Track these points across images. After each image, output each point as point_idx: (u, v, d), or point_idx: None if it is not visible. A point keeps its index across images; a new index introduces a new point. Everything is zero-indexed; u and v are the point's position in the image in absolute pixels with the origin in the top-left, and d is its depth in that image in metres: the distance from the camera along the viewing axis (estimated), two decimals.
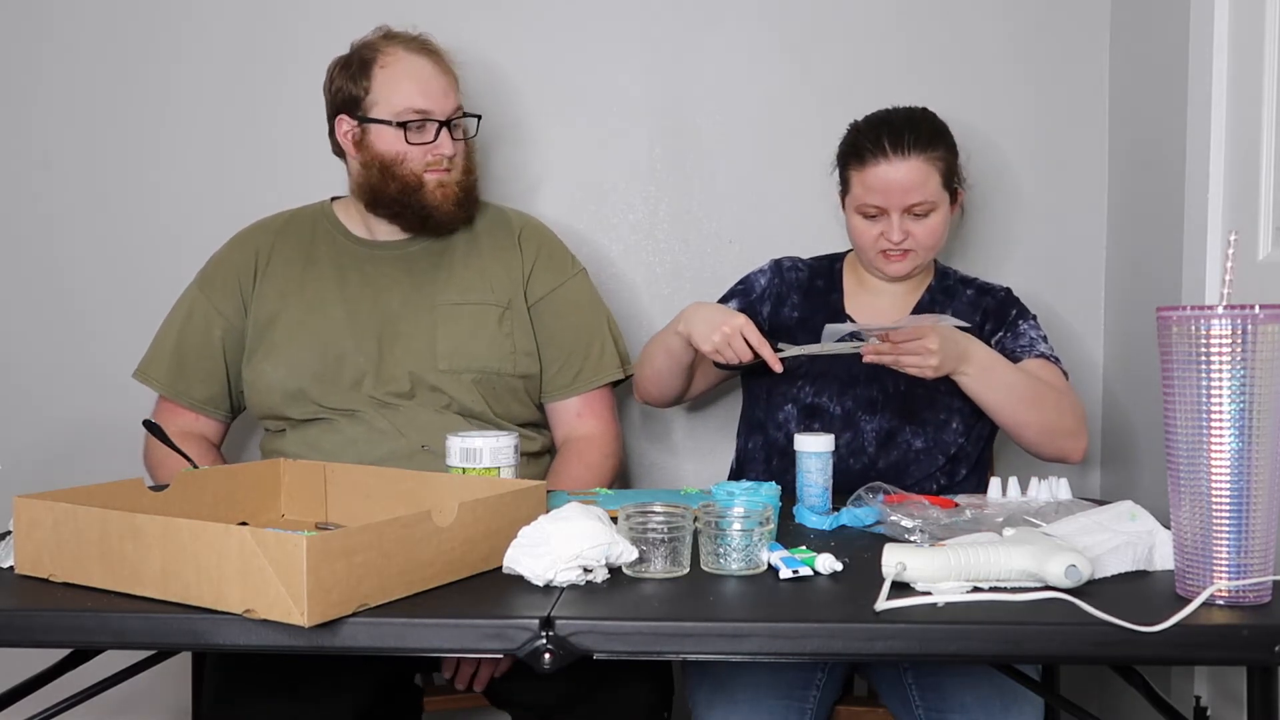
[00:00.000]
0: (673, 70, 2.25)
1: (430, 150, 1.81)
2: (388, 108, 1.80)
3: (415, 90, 1.80)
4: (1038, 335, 1.83)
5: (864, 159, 1.79)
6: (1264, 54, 1.62)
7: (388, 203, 1.84)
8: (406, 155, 1.80)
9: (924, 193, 1.77)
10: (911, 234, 1.79)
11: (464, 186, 1.86)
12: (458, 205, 1.85)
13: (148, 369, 1.91)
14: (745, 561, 1.24)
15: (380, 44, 1.83)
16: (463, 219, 1.88)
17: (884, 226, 1.79)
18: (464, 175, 1.86)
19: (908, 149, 1.76)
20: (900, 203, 1.77)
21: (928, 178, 1.77)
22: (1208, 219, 1.76)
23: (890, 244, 1.79)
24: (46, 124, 2.28)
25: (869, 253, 1.83)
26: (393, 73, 1.80)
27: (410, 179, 1.81)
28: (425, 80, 1.81)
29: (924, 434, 1.81)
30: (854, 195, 1.82)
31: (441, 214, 1.84)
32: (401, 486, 1.45)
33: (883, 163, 1.76)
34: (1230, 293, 1.10)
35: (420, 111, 1.80)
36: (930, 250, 1.82)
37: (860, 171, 1.79)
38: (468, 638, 1.10)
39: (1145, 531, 1.25)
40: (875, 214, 1.79)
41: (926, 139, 1.78)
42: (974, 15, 2.22)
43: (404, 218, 1.85)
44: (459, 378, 1.83)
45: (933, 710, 1.58)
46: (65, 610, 1.13)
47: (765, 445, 1.88)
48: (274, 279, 1.89)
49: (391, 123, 1.80)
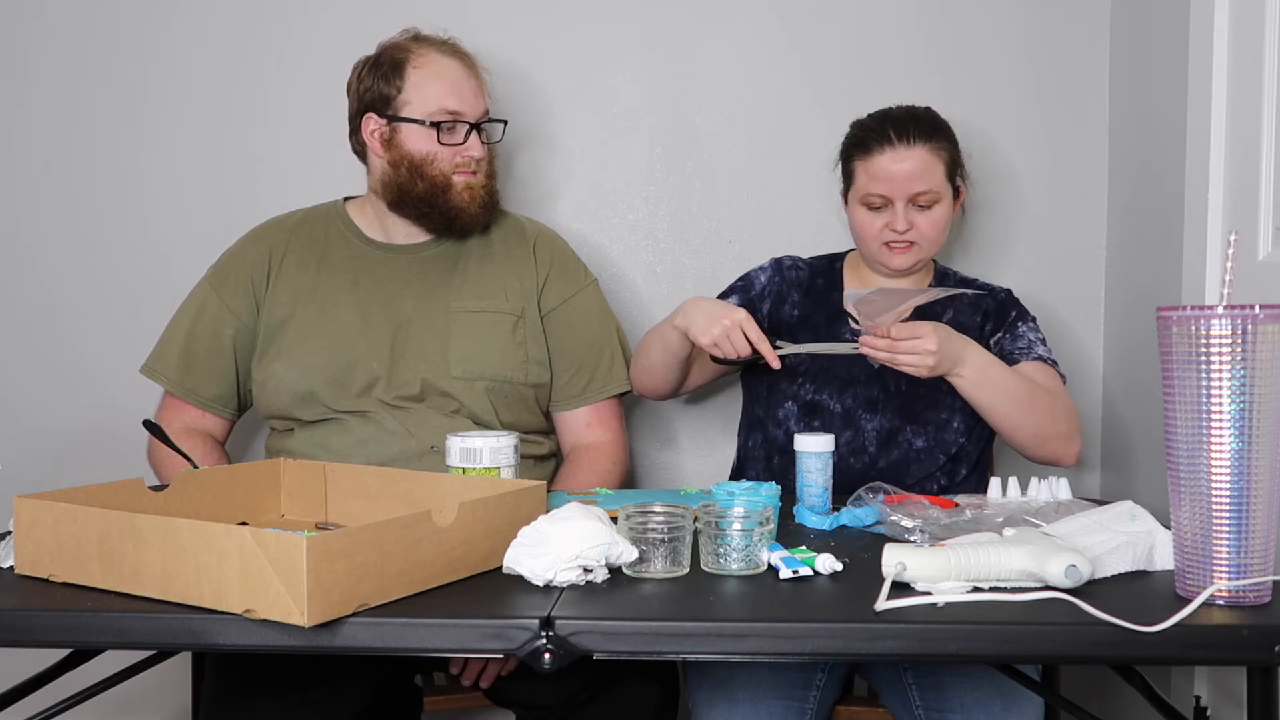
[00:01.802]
0: (673, 70, 2.26)
1: (459, 152, 1.82)
2: (420, 107, 1.81)
3: (448, 91, 1.81)
4: (1036, 337, 1.83)
5: (869, 149, 1.80)
6: (1264, 54, 1.62)
7: (414, 202, 1.84)
8: (436, 156, 1.81)
9: (928, 182, 1.77)
10: (915, 225, 1.79)
11: (489, 190, 1.87)
12: (482, 208, 1.86)
13: (156, 365, 1.90)
14: (745, 561, 1.24)
15: (412, 45, 1.84)
16: (484, 222, 1.89)
17: (888, 218, 1.79)
18: (488, 179, 1.87)
19: (912, 139, 1.77)
20: (905, 191, 1.77)
21: (932, 167, 1.78)
22: (1208, 219, 1.76)
23: (895, 234, 1.79)
24: (43, 127, 2.28)
25: (873, 245, 1.83)
26: (426, 74, 1.81)
27: (439, 179, 1.82)
28: (458, 82, 1.83)
29: (925, 433, 1.81)
30: (858, 186, 1.82)
31: (467, 216, 1.85)
32: (401, 486, 1.45)
33: (888, 150, 1.77)
34: (1230, 293, 1.10)
35: (453, 112, 1.81)
36: (933, 243, 1.82)
37: (865, 161, 1.80)
38: (468, 638, 1.10)
39: (1145, 531, 1.25)
40: (880, 205, 1.79)
41: (930, 130, 1.80)
42: (974, 15, 2.22)
43: (430, 218, 1.85)
44: (471, 385, 1.83)
45: (933, 710, 1.58)
46: (65, 610, 1.13)
47: (766, 443, 1.88)
48: (287, 279, 1.88)
49: (424, 122, 1.80)
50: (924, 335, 1.59)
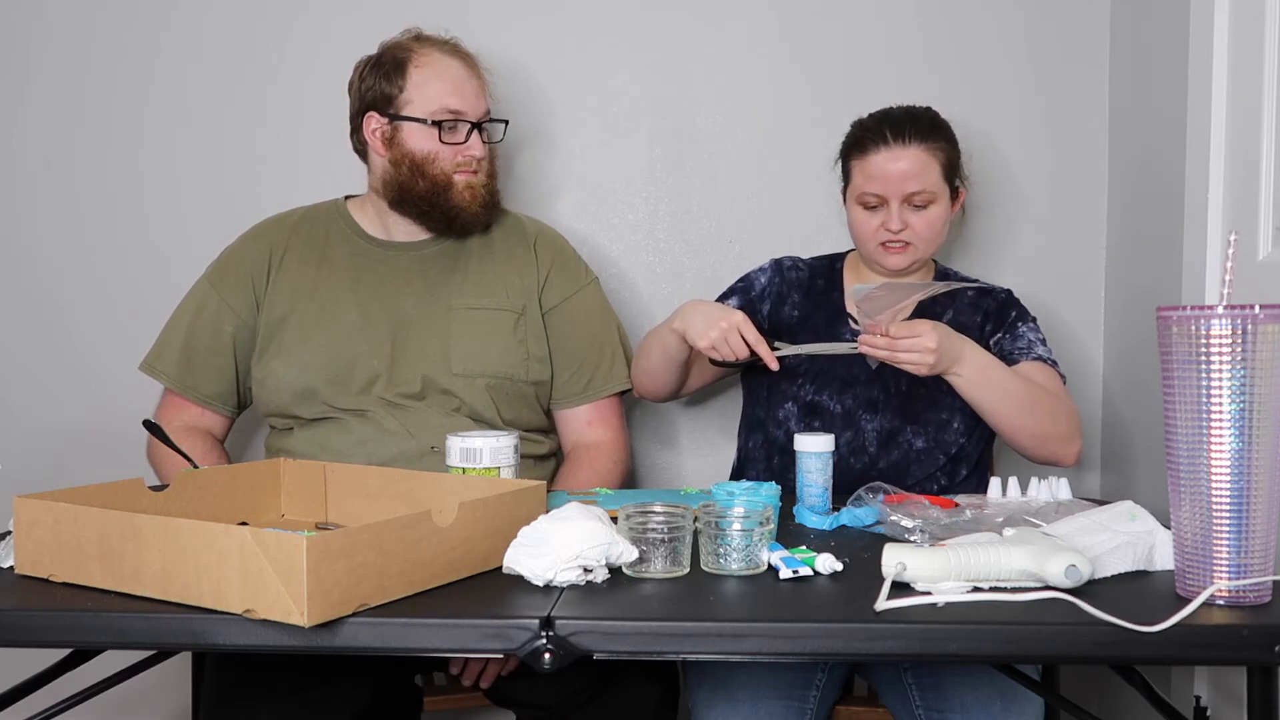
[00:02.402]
0: (673, 70, 2.26)
1: (461, 151, 1.83)
2: (423, 106, 1.81)
3: (450, 90, 1.82)
4: (1036, 338, 1.83)
5: (865, 149, 1.80)
6: (1264, 54, 1.62)
7: (415, 201, 1.84)
8: (438, 155, 1.81)
9: (923, 182, 1.78)
10: (910, 225, 1.79)
11: (490, 190, 1.87)
12: (483, 208, 1.86)
13: (155, 362, 1.90)
14: (745, 561, 1.24)
15: (414, 45, 1.84)
16: (484, 222, 1.90)
17: (884, 217, 1.79)
18: (489, 179, 1.88)
19: (908, 138, 1.78)
20: (899, 190, 1.78)
21: (927, 168, 1.78)
22: (1208, 219, 1.76)
23: (889, 234, 1.79)
24: (42, 126, 2.28)
25: (869, 245, 1.83)
26: (428, 73, 1.82)
27: (440, 178, 1.82)
28: (460, 81, 1.83)
29: (925, 434, 1.81)
30: (854, 185, 1.83)
31: (467, 215, 1.85)
32: (401, 486, 1.45)
33: (884, 150, 1.78)
34: (1230, 293, 1.10)
35: (454, 112, 1.82)
36: (929, 244, 1.82)
37: (862, 160, 1.81)
38: (468, 638, 1.10)
39: (1145, 531, 1.25)
40: (875, 204, 1.80)
41: (927, 130, 1.80)
42: (974, 15, 2.22)
43: (430, 217, 1.86)
44: (473, 382, 1.83)
45: (933, 710, 1.58)
46: (65, 610, 1.13)
47: (766, 444, 1.88)
48: (287, 277, 1.89)
49: (426, 121, 1.80)
50: (923, 333, 1.58)
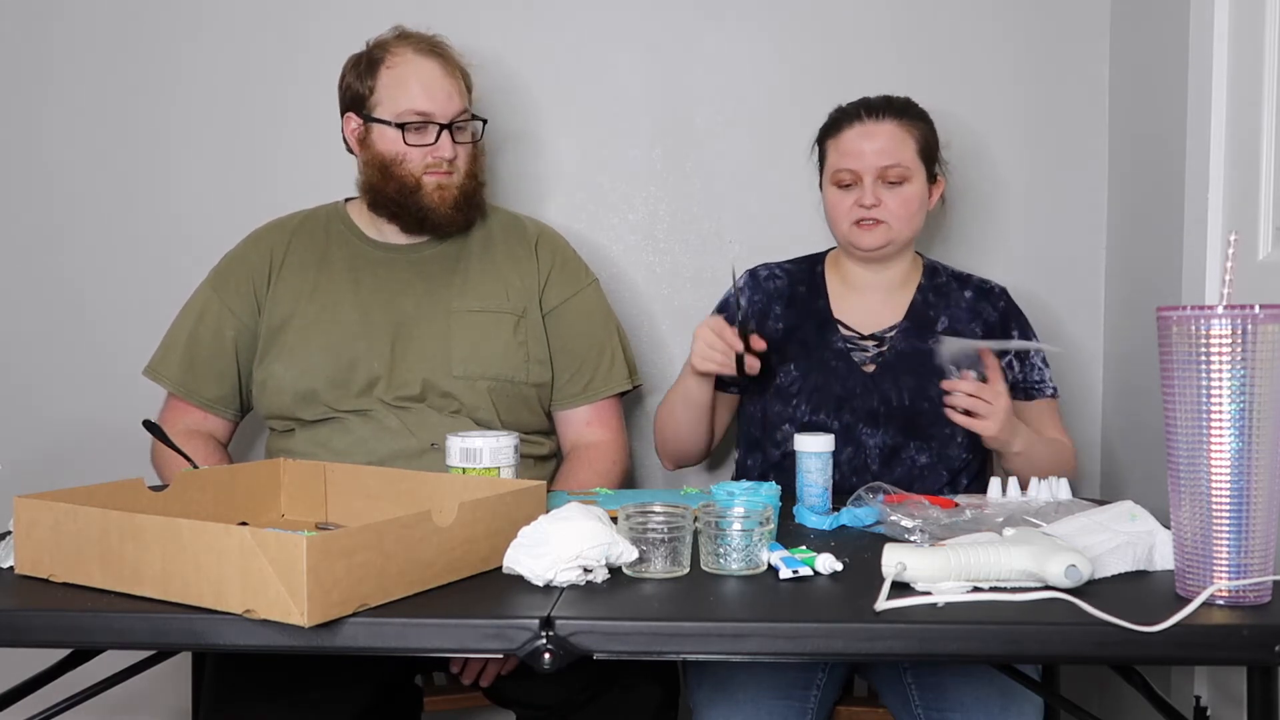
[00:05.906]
0: (673, 70, 2.25)
1: (430, 152, 1.81)
2: (390, 108, 1.80)
3: (418, 92, 1.80)
4: (1040, 360, 1.86)
5: (839, 128, 1.83)
6: (1264, 54, 1.62)
7: (386, 202, 1.84)
8: (405, 156, 1.80)
9: (897, 156, 1.78)
10: (884, 202, 1.79)
11: (465, 190, 1.85)
12: (456, 208, 1.84)
13: (158, 367, 1.90)
14: (745, 561, 1.24)
15: (391, 44, 1.83)
16: (462, 223, 1.88)
17: (857, 194, 1.80)
18: (466, 179, 1.85)
19: (881, 114, 1.81)
20: (873, 164, 1.78)
21: (901, 144, 1.79)
22: (1208, 219, 1.76)
23: (863, 210, 1.79)
24: (54, 125, 2.28)
25: (842, 225, 1.83)
26: (398, 74, 1.81)
27: (408, 180, 1.81)
28: (429, 82, 1.81)
29: (929, 450, 1.80)
30: (829, 165, 1.84)
31: (439, 216, 1.83)
32: (402, 486, 1.45)
33: (856, 125, 1.81)
34: (1230, 293, 1.10)
35: (421, 114, 1.80)
36: (904, 223, 1.81)
37: (836, 139, 1.83)
38: (468, 638, 1.10)
39: (1145, 531, 1.25)
40: (850, 181, 1.80)
41: (901, 109, 1.83)
42: (974, 15, 2.22)
43: (402, 218, 1.85)
44: (473, 384, 1.83)
45: (933, 710, 1.58)
46: (65, 610, 1.13)
47: (763, 462, 1.87)
48: (288, 280, 1.88)
49: (391, 123, 1.80)
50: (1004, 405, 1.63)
